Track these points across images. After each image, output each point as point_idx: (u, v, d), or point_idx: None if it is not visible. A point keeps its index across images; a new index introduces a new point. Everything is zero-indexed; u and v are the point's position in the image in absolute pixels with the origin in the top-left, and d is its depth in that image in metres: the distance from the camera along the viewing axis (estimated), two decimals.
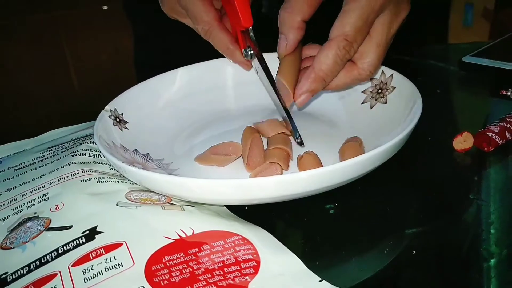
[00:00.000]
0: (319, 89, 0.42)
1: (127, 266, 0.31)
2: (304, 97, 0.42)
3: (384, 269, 0.32)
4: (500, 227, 0.35)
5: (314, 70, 0.41)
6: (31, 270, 0.32)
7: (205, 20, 0.46)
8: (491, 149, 0.43)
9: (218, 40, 0.47)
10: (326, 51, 0.40)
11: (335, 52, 0.40)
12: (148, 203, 0.37)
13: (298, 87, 0.42)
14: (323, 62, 0.40)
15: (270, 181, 0.33)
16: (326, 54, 0.40)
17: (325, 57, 0.40)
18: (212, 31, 0.46)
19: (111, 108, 0.47)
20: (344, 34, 0.39)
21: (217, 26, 0.46)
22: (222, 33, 0.47)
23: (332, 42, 0.40)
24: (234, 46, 0.47)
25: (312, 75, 0.41)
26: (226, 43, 0.47)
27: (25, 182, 0.41)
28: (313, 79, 0.41)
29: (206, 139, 0.48)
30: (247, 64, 0.49)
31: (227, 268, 0.31)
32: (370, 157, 0.35)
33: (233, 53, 0.47)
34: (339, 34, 0.40)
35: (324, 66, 0.41)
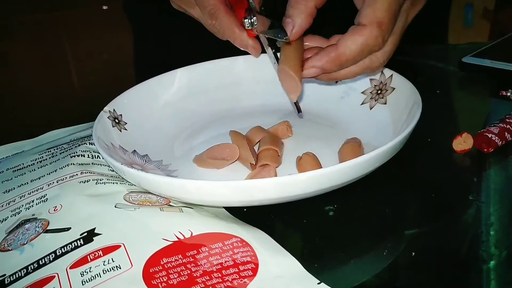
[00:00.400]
0: (333, 71, 0.40)
1: (125, 268, 0.31)
2: (313, 71, 0.39)
3: (383, 271, 0.32)
4: (499, 228, 0.35)
5: (337, 51, 0.38)
6: (29, 272, 0.32)
7: (211, 3, 0.45)
8: (491, 150, 0.43)
9: (224, 24, 0.45)
10: (356, 36, 0.37)
11: (365, 39, 0.37)
12: (147, 205, 0.37)
13: (312, 59, 0.39)
14: (348, 47, 0.38)
15: (269, 182, 0.33)
16: (355, 39, 0.37)
17: (352, 42, 0.37)
18: (219, 14, 0.45)
19: (110, 109, 0.47)
20: (378, 21, 0.36)
21: (223, 10, 0.45)
22: (228, 17, 0.45)
23: (364, 28, 0.37)
24: (241, 30, 0.46)
25: (332, 54, 0.38)
26: (232, 26, 0.45)
27: (23, 184, 0.41)
28: (332, 58, 0.38)
29: (205, 140, 0.48)
30: (254, 48, 0.47)
31: (226, 270, 0.31)
32: (369, 159, 0.35)
33: (240, 36, 0.45)
34: (373, 20, 0.37)
35: (348, 51, 0.38)
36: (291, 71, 0.40)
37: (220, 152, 0.42)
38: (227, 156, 0.42)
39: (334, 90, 0.52)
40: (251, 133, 0.46)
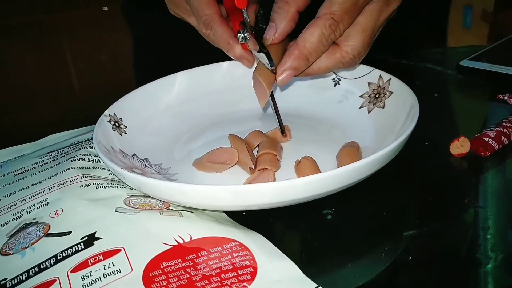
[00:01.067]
0: (302, 68, 0.41)
1: (125, 272, 0.31)
2: (286, 74, 0.41)
3: (381, 275, 0.33)
4: (496, 232, 0.36)
5: (298, 47, 0.40)
6: (30, 276, 0.32)
7: (206, 14, 0.46)
8: (488, 154, 0.43)
9: (219, 34, 0.46)
10: (311, 28, 0.40)
11: (320, 30, 0.40)
12: (147, 209, 0.37)
13: (281, 64, 0.41)
14: (307, 40, 0.40)
15: (267, 187, 0.34)
16: (312, 31, 0.40)
17: (310, 35, 0.40)
18: (213, 24, 0.46)
19: (110, 113, 0.47)
20: (331, 13, 0.39)
21: (218, 20, 0.46)
22: (222, 27, 0.46)
23: (318, 20, 0.40)
24: (234, 41, 0.46)
25: (295, 52, 0.41)
26: (226, 38, 0.46)
27: (24, 188, 0.41)
28: (296, 56, 0.40)
29: (205, 144, 0.48)
30: (248, 60, 0.48)
31: (225, 274, 0.31)
32: (367, 163, 0.35)
33: (233, 47, 0.47)
34: (326, 12, 0.39)
35: (308, 44, 0.40)
36: (260, 78, 0.42)
37: (220, 156, 0.43)
38: (226, 160, 0.42)
39: (332, 94, 0.52)
40: (250, 137, 0.46)
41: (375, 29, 0.42)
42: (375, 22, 0.42)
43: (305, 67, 0.42)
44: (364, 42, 0.42)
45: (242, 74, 0.54)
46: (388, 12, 0.43)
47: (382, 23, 0.43)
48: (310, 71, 0.43)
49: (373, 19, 0.42)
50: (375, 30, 0.42)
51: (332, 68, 0.43)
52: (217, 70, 0.55)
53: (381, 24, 0.43)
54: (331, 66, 0.43)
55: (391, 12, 0.43)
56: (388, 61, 0.45)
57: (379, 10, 0.42)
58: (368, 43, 0.42)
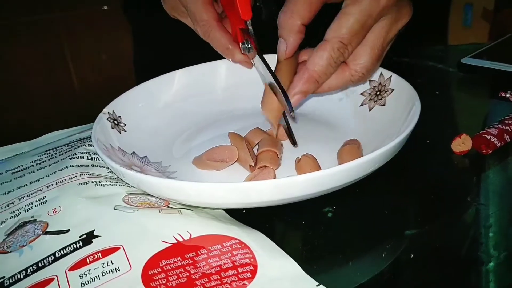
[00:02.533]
0: (312, 91, 0.42)
1: (124, 270, 0.31)
2: (297, 97, 0.42)
3: (382, 273, 0.32)
4: (498, 230, 0.35)
5: (307, 71, 0.41)
6: (28, 274, 0.32)
7: (204, 19, 0.46)
8: (490, 151, 0.43)
9: (217, 40, 0.47)
10: (320, 52, 0.40)
11: (329, 53, 0.40)
12: (146, 207, 0.37)
13: (291, 87, 0.42)
14: (316, 63, 0.40)
15: (268, 184, 0.33)
16: (321, 55, 0.40)
17: (319, 58, 0.40)
18: (211, 30, 0.46)
19: (109, 111, 0.47)
20: (339, 37, 0.39)
21: (216, 26, 0.46)
22: (220, 33, 0.46)
23: (327, 44, 0.40)
24: (233, 46, 0.46)
25: (305, 76, 0.41)
26: (225, 43, 0.47)
27: (22, 186, 0.41)
28: (306, 79, 0.41)
29: (205, 142, 0.48)
30: (248, 62, 0.49)
31: (224, 272, 0.31)
32: (368, 160, 0.35)
33: (233, 52, 0.47)
34: (334, 36, 0.40)
35: (317, 67, 0.40)
36: (266, 114, 0.43)
37: (219, 153, 0.42)
38: (226, 158, 0.42)
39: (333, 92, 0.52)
40: (250, 134, 0.46)
41: (384, 45, 0.42)
42: (384, 39, 0.41)
43: (315, 90, 0.42)
44: (373, 60, 0.42)
45: (241, 72, 0.54)
46: (397, 28, 0.42)
47: (392, 39, 0.43)
48: (320, 90, 0.43)
49: (382, 36, 0.41)
50: (384, 46, 0.42)
51: (342, 87, 0.44)
52: (216, 68, 0.55)
53: (390, 40, 0.43)
54: (340, 85, 0.43)
55: (401, 28, 0.43)
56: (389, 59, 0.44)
57: (388, 26, 0.41)
58: (377, 60, 0.42)
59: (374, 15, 0.39)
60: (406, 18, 0.43)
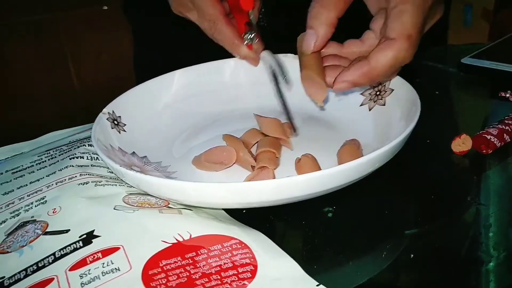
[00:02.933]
0: (363, 85, 0.40)
1: (124, 270, 0.31)
2: (345, 85, 0.39)
3: (382, 273, 0.32)
4: (498, 229, 0.35)
5: (369, 65, 0.38)
6: (28, 274, 0.32)
7: (211, 13, 0.46)
8: (490, 151, 0.43)
9: (223, 34, 0.46)
10: (387, 50, 0.37)
11: (395, 53, 0.37)
12: (146, 207, 0.37)
13: (344, 73, 0.39)
14: (380, 61, 0.38)
15: (268, 184, 0.33)
16: (386, 53, 0.37)
17: (384, 57, 0.38)
18: (218, 25, 0.46)
19: (109, 111, 0.47)
20: (408, 34, 0.37)
21: (223, 20, 0.46)
22: (227, 27, 0.46)
23: (394, 42, 0.37)
24: (240, 41, 0.46)
25: (364, 69, 0.38)
26: (231, 38, 0.46)
27: (22, 186, 0.41)
28: (363, 73, 0.38)
29: (204, 142, 0.48)
30: (254, 59, 0.48)
31: (224, 272, 0.31)
32: (368, 161, 0.35)
33: (239, 47, 0.46)
34: (403, 34, 0.37)
35: (380, 65, 0.38)
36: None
37: (218, 155, 0.42)
38: (225, 160, 0.42)
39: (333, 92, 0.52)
40: (247, 135, 0.46)
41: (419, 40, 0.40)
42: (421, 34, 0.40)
43: (366, 85, 0.40)
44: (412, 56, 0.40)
45: (240, 72, 0.54)
46: (431, 24, 0.41)
47: None
48: None
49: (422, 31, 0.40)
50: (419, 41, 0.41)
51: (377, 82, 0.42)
52: (216, 68, 0.55)
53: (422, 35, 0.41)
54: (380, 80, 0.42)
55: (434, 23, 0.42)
56: None
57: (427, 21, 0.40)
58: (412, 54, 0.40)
59: (427, 7, 0.38)
60: (440, 14, 0.42)
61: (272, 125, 0.45)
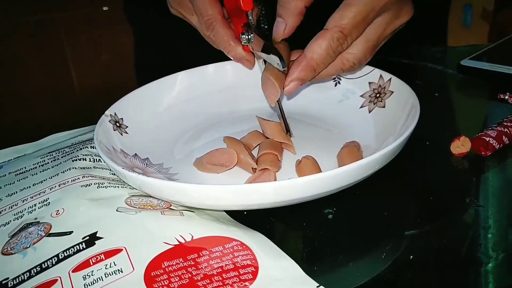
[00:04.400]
0: (309, 78, 0.42)
1: (127, 271, 0.31)
2: (293, 84, 0.41)
3: (382, 274, 0.33)
4: (497, 231, 0.36)
5: (305, 58, 0.41)
6: (32, 275, 0.32)
7: (209, 13, 0.46)
8: (488, 153, 0.43)
9: (220, 35, 0.46)
10: (320, 40, 0.40)
11: (328, 42, 0.40)
12: (148, 209, 0.37)
13: (288, 74, 0.41)
14: (315, 51, 0.40)
15: (269, 186, 0.34)
16: (320, 43, 0.40)
17: (318, 46, 0.40)
18: (215, 25, 0.46)
19: (111, 113, 0.47)
20: (340, 26, 0.39)
21: (220, 20, 0.46)
22: (224, 28, 0.46)
23: (327, 32, 0.40)
24: (236, 42, 0.46)
25: (303, 63, 0.41)
26: (227, 38, 0.46)
27: (25, 187, 0.41)
28: (304, 67, 0.41)
29: (206, 143, 0.48)
30: (248, 61, 0.48)
31: (226, 273, 0.31)
32: (368, 162, 0.35)
33: (234, 48, 0.47)
34: (335, 25, 0.39)
35: (316, 55, 0.40)
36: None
37: (219, 157, 0.43)
38: (226, 162, 0.42)
39: (333, 94, 0.52)
40: (249, 137, 0.46)
41: (379, 40, 0.42)
42: (381, 34, 0.42)
43: (312, 77, 0.42)
44: (366, 52, 0.42)
45: (243, 74, 0.54)
46: (396, 25, 0.43)
47: (388, 35, 0.43)
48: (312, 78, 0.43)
49: (379, 31, 0.42)
50: (380, 41, 0.43)
51: (332, 74, 0.44)
52: (218, 70, 0.55)
53: (386, 36, 0.43)
54: (332, 72, 0.43)
55: (399, 26, 0.43)
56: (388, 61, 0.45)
57: (387, 23, 0.42)
58: (370, 53, 0.43)
59: (377, 9, 0.39)
60: (406, 17, 0.43)
61: (276, 129, 0.45)
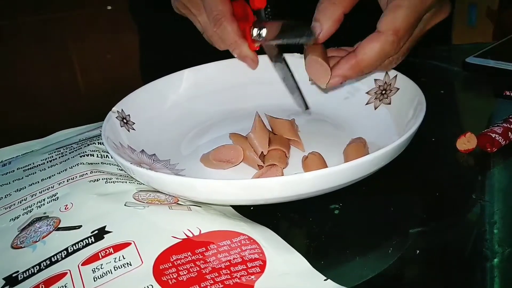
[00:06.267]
0: (354, 78, 0.41)
1: (135, 265, 0.32)
2: (337, 80, 0.41)
3: (388, 268, 0.33)
4: (503, 227, 0.36)
5: (356, 58, 0.40)
6: (42, 269, 0.33)
7: (219, 9, 0.46)
8: (494, 150, 0.43)
9: (227, 31, 0.46)
10: (373, 42, 0.39)
11: (381, 45, 0.39)
12: (156, 203, 0.37)
13: (334, 68, 0.41)
14: (367, 53, 0.39)
15: (275, 181, 0.34)
16: (373, 46, 0.39)
17: (370, 49, 0.39)
18: (223, 21, 0.46)
19: (118, 109, 0.47)
20: (395, 29, 0.38)
21: (229, 17, 0.46)
22: (232, 25, 0.46)
23: (381, 35, 0.39)
24: (242, 40, 0.46)
25: (352, 62, 0.40)
26: (234, 36, 0.46)
27: (34, 183, 0.42)
28: (352, 66, 0.40)
29: (213, 140, 0.49)
30: (253, 60, 0.48)
31: (234, 267, 0.32)
32: (374, 158, 0.35)
33: (240, 46, 0.46)
34: (390, 28, 0.38)
35: (366, 57, 0.39)
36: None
37: (225, 154, 0.43)
38: (232, 158, 0.43)
39: (338, 91, 0.52)
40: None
41: (419, 37, 0.42)
42: (421, 31, 0.41)
43: (356, 77, 0.42)
44: (407, 50, 0.42)
45: (249, 71, 0.55)
46: (435, 22, 0.42)
47: (426, 32, 0.43)
48: None
49: (420, 28, 0.41)
50: (419, 38, 0.42)
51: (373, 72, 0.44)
52: (224, 67, 0.56)
53: (425, 33, 0.42)
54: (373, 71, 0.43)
55: (437, 22, 0.43)
56: None
57: (428, 20, 0.41)
58: (407, 50, 0.42)
59: (426, 6, 0.39)
60: (445, 14, 0.42)
61: (285, 126, 0.46)
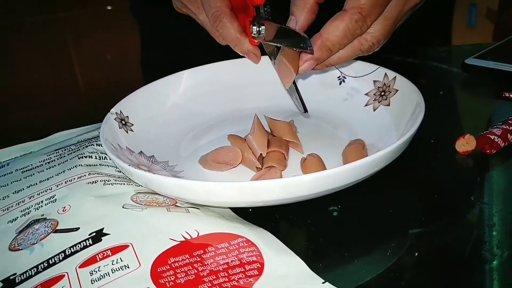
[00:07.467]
0: (323, 59, 0.41)
1: (133, 267, 0.32)
2: (308, 64, 0.41)
3: (387, 271, 0.33)
4: (501, 229, 0.36)
5: (320, 38, 0.40)
6: (39, 271, 0.32)
7: (218, 6, 0.45)
8: (493, 151, 0.43)
9: (227, 28, 0.46)
10: (337, 21, 0.39)
11: (346, 24, 0.39)
12: (154, 205, 0.37)
13: (302, 53, 0.41)
14: (331, 32, 0.39)
15: (274, 183, 0.34)
16: (337, 24, 0.39)
17: (334, 28, 0.39)
18: (223, 17, 0.45)
19: (117, 111, 0.47)
20: (359, 7, 0.38)
21: (228, 13, 0.45)
22: (231, 21, 0.45)
23: (345, 14, 0.39)
24: (242, 35, 0.46)
25: (318, 42, 0.40)
26: (234, 32, 0.46)
27: (32, 184, 0.42)
28: (319, 46, 0.40)
29: (211, 141, 0.48)
30: (255, 55, 0.48)
31: (232, 270, 0.31)
32: (373, 160, 0.35)
33: (241, 42, 0.46)
34: (354, 6, 0.38)
35: (332, 37, 0.39)
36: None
37: (224, 155, 0.43)
38: (230, 160, 0.43)
39: (338, 92, 0.52)
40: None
41: (398, 18, 0.41)
42: (399, 12, 0.41)
43: (327, 58, 0.41)
44: (385, 31, 0.41)
45: (248, 72, 0.55)
46: (414, 2, 0.42)
47: (406, 12, 0.42)
48: (330, 61, 0.42)
49: (398, 8, 0.41)
50: (399, 19, 0.42)
51: (351, 57, 0.43)
52: (223, 68, 0.56)
53: (405, 13, 0.42)
54: (350, 55, 0.42)
55: (418, 2, 0.42)
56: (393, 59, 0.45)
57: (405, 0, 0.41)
58: (388, 31, 0.42)
59: None
60: None
61: (284, 128, 0.45)
